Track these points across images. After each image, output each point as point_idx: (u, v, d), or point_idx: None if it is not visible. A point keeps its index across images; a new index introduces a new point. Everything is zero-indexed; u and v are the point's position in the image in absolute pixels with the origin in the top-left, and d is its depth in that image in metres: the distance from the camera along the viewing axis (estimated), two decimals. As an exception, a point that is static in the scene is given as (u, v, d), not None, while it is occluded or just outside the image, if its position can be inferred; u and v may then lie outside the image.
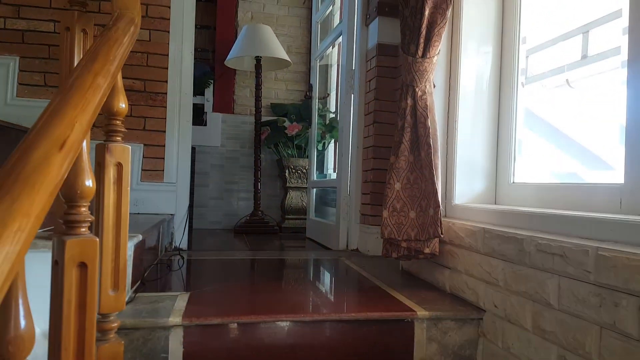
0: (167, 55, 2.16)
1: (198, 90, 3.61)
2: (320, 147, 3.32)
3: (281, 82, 3.88)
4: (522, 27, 1.57)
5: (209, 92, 3.63)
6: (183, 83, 2.19)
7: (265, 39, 3.31)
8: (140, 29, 1.71)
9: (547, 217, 1.14)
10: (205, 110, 3.63)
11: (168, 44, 2.16)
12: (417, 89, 1.48)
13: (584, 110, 1.46)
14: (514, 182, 1.54)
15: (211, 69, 3.70)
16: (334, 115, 3.45)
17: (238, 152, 3.70)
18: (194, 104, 3.76)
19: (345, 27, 2.51)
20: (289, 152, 3.52)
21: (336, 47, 3.30)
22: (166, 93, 2.15)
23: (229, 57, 3.39)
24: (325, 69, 3.77)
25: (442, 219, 1.48)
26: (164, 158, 2.12)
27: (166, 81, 2.15)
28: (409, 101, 1.49)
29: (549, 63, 1.54)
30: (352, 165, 2.38)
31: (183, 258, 1.86)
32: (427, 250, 1.45)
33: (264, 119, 3.67)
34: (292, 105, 3.81)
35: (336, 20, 3.35)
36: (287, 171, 3.49)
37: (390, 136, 2.16)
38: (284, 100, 3.88)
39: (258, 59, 3.40)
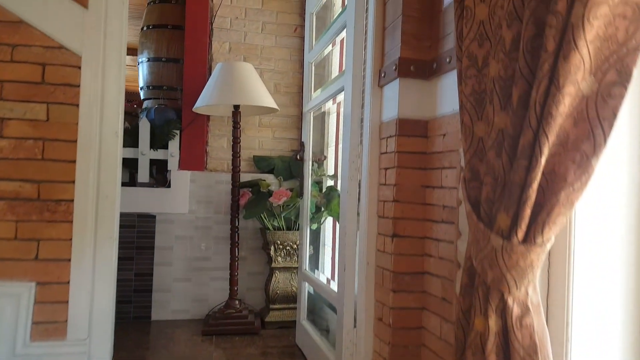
0: (76, 141, 1.39)
1: (160, 143, 2.84)
2: (314, 226, 2.56)
3: (267, 129, 3.12)
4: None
5: (174, 144, 2.86)
6: (103, 181, 1.43)
7: (245, 81, 2.55)
8: (30, 102, 1.01)
9: None
10: (169, 168, 2.87)
11: (77, 124, 1.40)
12: (508, 299, 0.72)
13: None
14: None
15: (177, 115, 2.94)
16: (332, 182, 2.69)
17: (210, 219, 2.93)
18: (154, 160, 3.01)
19: (349, 83, 1.76)
20: (275, 224, 2.75)
21: (337, 103, 2.56)
22: (73, 200, 1.39)
23: (197, 103, 2.63)
24: (321, 119, 3.01)
25: None
26: (67, 302, 1.36)
27: (73, 181, 1.39)
28: (493, 322, 0.73)
29: None
30: (360, 289, 1.62)
31: None
32: None
33: (244, 177, 2.91)
34: (279, 159, 3.05)
35: (336, 66, 2.60)
36: (272, 247, 2.73)
37: (418, 257, 1.41)
38: (270, 152, 3.12)
39: (236, 107, 2.64)
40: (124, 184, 2.87)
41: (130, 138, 2.80)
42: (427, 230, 1.43)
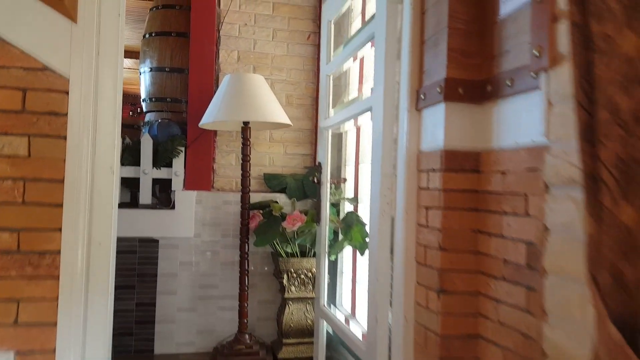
0: (63, 180, 1.17)
1: (163, 161, 2.62)
2: (333, 256, 2.33)
3: (278, 145, 2.89)
4: None
5: (178, 162, 2.64)
6: (96, 226, 1.20)
7: (256, 95, 2.33)
8: (8, 134, 0.80)
9: None
10: (172, 189, 2.64)
11: (64, 160, 1.17)
12: None
13: None
14: None
15: (182, 130, 2.72)
16: (351, 207, 2.46)
17: (218, 243, 2.71)
18: (157, 180, 2.77)
19: (380, 104, 1.53)
20: (288, 251, 2.53)
21: (360, 119, 2.33)
22: (59, 251, 1.17)
23: (204, 119, 2.41)
24: (338, 136, 2.78)
25: None
26: (52, 375, 1.14)
27: (60, 229, 1.17)
28: None
29: None
30: (396, 349, 1.39)
31: None
32: None
33: (254, 197, 2.68)
34: (292, 177, 2.82)
35: (355, 83, 2.38)
36: (285, 276, 2.50)
37: (470, 317, 1.18)
38: (281, 169, 2.89)
39: (245, 123, 2.42)
40: (124, 205, 2.66)
41: (131, 156, 2.58)
42: (482, 286, 1.20)
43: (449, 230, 1.23)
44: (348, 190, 2.60)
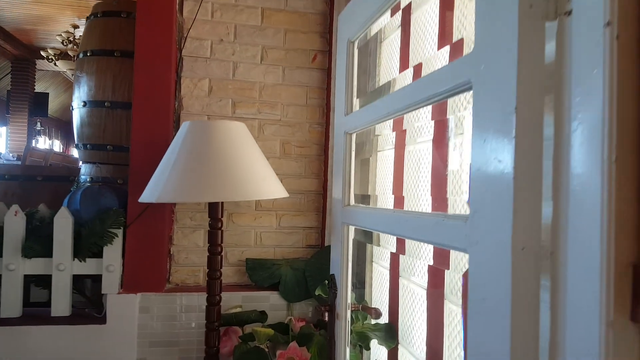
0: None
1: (89, 249, 1.70)
2: None
3: (268, 215, 1.97)
4: None
5: (112, 250, 1.72)
6: None
7: (232, 162, 1.41)
8: None
9: None
10: (104, 291, 1.72)
11: None
12: None
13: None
14: None
15: (121, 197, 1.80)
16: (384, 344, 1.51)
17: (175, 372, 1.78)
18: (78, 277, 1.67)
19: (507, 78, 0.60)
20: (280, 399, 1.59)
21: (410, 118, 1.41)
22: None
23: (145, 195, 1.48)
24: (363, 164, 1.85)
25: None
26: None
27: None
28: None
29: None
30: None
31: None
32: None
33: (230, 298, 1.76)
34: (289, 265, 1.90)
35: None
36: None
37: None
38: (272, 251, 1.97)
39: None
40: (31, 317, 1.73)
41: (39, 244, 1.66)
42: None
43: None
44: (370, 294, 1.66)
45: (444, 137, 1.15)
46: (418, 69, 1.39)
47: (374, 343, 1.45)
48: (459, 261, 1.12)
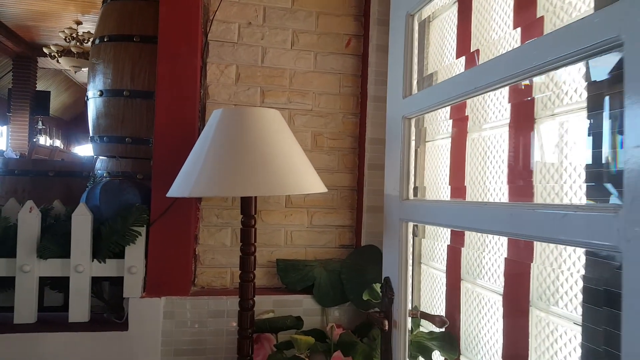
0: None
1: (109, 249, 1.56)
2: None
3: (300, 212, 1.83)
4: None
5: (135, 251, 1.58)
6: None
7: (267, 151, 1.27)
8: None
9: None
10: (125, 295, 1.58)
11: None
12: None
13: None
14: None
15: (144, 193, 1.66)
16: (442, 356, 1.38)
17: (202, 382, 1.64)
18: (97, 279, 1.48)
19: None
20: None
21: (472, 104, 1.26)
22: None
23: (173, 190, 1.34)
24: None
25: None
26: None
27: None
28: None
29: None
30: None
31: None
32: None
33: (262, 302, 1.63)
34: (322, 267, 1.76)
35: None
36: None
37: None
38: (304, 251, 1.83)
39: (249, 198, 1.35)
40: (47, 323, 1.59)
41: (55, 244, 1.52)
42: None
43: None
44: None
45: (527, 120, 1.01)
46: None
47: (435, 354, 1.31)
48: (555, 257, 0.98)
